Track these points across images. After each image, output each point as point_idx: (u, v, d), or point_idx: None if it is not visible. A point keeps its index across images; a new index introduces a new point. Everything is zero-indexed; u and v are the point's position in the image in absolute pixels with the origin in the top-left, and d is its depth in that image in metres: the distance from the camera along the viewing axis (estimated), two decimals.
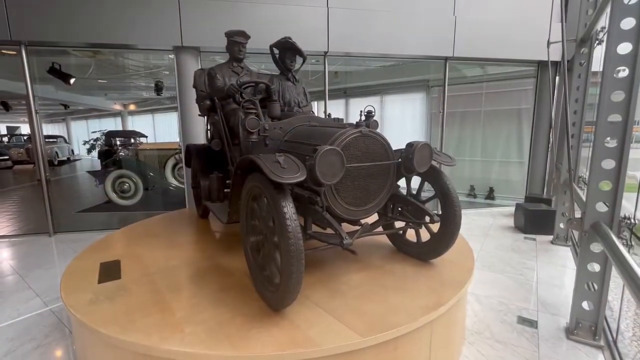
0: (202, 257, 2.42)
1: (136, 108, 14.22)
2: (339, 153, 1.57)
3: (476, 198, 6.98)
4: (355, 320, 1.57)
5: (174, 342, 1.40)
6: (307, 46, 4.27)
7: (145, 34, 4.28)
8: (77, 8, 4.09)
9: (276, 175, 1.41)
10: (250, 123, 2.03)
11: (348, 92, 8.60)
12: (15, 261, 3.84)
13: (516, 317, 2.56)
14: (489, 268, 3.43)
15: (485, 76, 6.85)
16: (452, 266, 2.22)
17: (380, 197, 1.97)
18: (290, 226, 1.39)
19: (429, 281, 2.00)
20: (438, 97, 6.57)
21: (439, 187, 2.08)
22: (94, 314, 1.64)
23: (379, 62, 6.99)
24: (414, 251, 2.34)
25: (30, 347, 2.27)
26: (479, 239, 4.33)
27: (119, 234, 3.05)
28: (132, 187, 6.45)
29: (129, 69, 7.95)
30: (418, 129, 7.61)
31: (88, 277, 2.09)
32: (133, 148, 7.43)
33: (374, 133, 1.86)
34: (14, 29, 4.04)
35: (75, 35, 4.19)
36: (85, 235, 4.65)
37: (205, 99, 2.91)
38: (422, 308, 1.68)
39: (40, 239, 4.59)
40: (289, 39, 2.71)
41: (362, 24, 4.75)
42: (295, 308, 1.68)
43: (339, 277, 2.04)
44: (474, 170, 7.16)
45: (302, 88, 3.03)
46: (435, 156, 2.02)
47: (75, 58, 6.45)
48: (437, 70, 5.74)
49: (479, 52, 5.19)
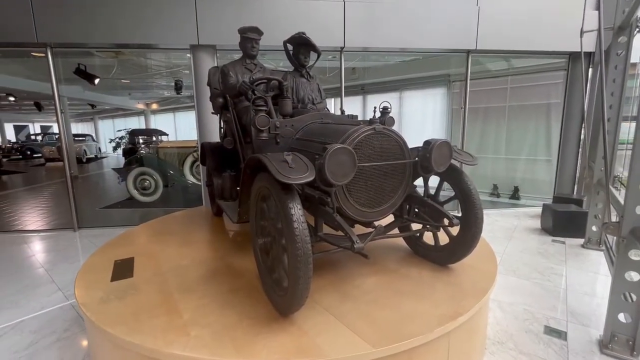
0: (214, 257, 2.40)
1: (158, 107, 14.64)
2: (350, 152, 1.49)
3: (499, 198, 6.68)
4: (366, 328, 1.49)
5: (178, 345, 1.37)
6: (322, 42, 4.20)
7: (163, 33, 4.34)
8: (99, 10, 4.19)
9: (283, 176, 1.34)
10: (260, 121, 1.97)
11: (365, 88, 8.44)
12: (42, 255, 4.00)
13: (543, 326, 2.39)
14: (513, 273, 3.24)
15: (510, 70, 6.52)
16: (472, 271, 2.09)
17: (395, 198, 1.87)
18: (297, 229, 1.32)
19: (447, 288, 1.88)
20: (460, 92, 6.31)
21: (459, 187, 1.95)
22: (104, 313, 1.65)
23: (397, 57, 6.81)
24: (431, 255, 2.22)
25: (51, 341, 2.33)
26: (502, 241, 4.12)
27: (137, 230, 3.09)
28: (152, 184, 6.60)
29: (151, 68, 8.15)
30: (438, 125, 7.37)
31: (102, 274, 2.11)
32: (154, 146, 7.61)
33: (389, 130, 1.76)
34: (40, 32, 4.19)
35: (98, 36, 4.30)
36: (107, 230, 4.78)
37: (219, 97, 2.89)
38: (440, 317, 1.57)
39: (66, 234, 4.77)
40: (303, 34, 2.64)
41: (379, 18, 4.60)
42: (304, 312, 1.61)
43: (350, 281, 1.96)
44: (497, 169, 6.85)
45: (316, 84, 2.95)
46: (455, 155, 1.90)
47: (99, 59, 6.67)
48: (459, 64, 5.50)
49: (504, 44, 4.91)
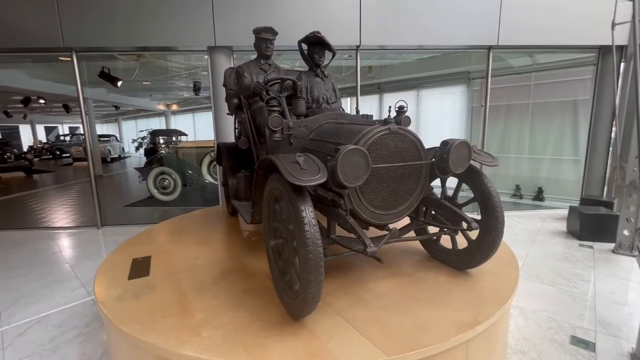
0: (228, 257, 2.41)
1: (178, 108, 15.02)
2: (363, 153, 1.45)
3: (522, 199, 6.44)
4: (379, 335, 1.45)
5: (190, 346, 1.38)
6: (338, 41, 4.17)
7: (182, 35, 4.42)
8: (121, 15, 4.32)
9: (294, 177, 1.32)
10: (273, 121, 1.96)
11: (382, 87, 8.33)
12: (67, 251, 4.16)
13: (569, 336, 2.26)
14: (536, 278, 3.10)
15: (534, 65, 6.25)
16: (492, 277, 2.00)
17: (411, 200, 1.81)
18: (308, 232, 1.30)
19: (465, 294, 1.80)
20: (480, 90, 6.12)
21: (478, 189, 1.87)
22: (120, 311, 1.68)
23: (415, 54, 6.68)
24: (449, 259, 2.14)
25: (72, 335, 2.41)
26: (525, 244, 3.95)
27: (155, 229, 3.16)
28: (171, 184, 6.76)
29: (171, 70, 8.36)
30: (457, 124, 7.17)
31: (120, 272, 2.16)
32: (173, 146, 7.80)
33: (404, 130, 1.70)
34: (66, 37, 4.36)
35: (120, 40, 4.43)
36: (128, 228, 4.93)
37: (234, 98, 2.90)
38: (457, 325, 1.50)
39: (90, 231, 4.95)
40: (317, 33, 2.61)
41: (396, 15, 4.51)
42: (315, 316, 1.58)
43: (363, 284, 1.92)
44: (520, 169, 6.60)
45: (331, 84, 2.92)
46: (474, 155, 1.82)
47: (122, 62, 6.89)
48: (480, 61, 5.32)
49: (528, 39, 4.71)
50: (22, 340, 2.36)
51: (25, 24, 4.30)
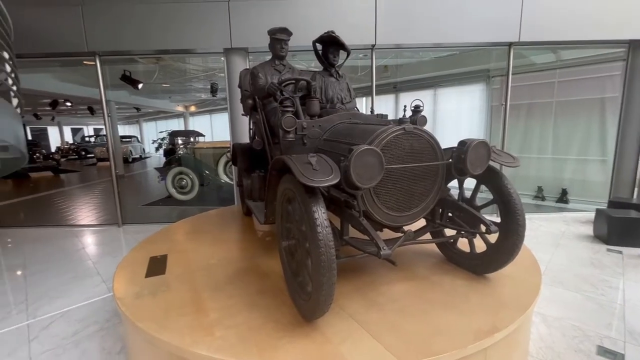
0: (243, 257, 2.43)
1: (196, 109, 15.34)
2: (377, 153, 1.42)
3: (544, 201, 6.20)
4: (392, 340, 1.42)
5: (203, 345, 1.39)
6: (353, 40, 4.14)
7: (199, 38, 4.51)
8: (142, 19, 4.45)
9: (306, 178, 1.31)
10: (286, 122, 1.96)
11: (398, 86, 8.22)
12: (90, 248, 4.32)
13: (595, 346, 2.15)
14: (560, 284, 2.96)
15: (558, 62, 6.01)
16: (513, 282, 1.93)
17: (427, 202, 1.77)
18: (321, 233, 1.28)
19: (484, 299, 1.74)
20: (500, 88, 5.93)
21: (498, 191, 1.80)
22: (137, 308, 1.72)
23: (432, 52, 6.55)
24: (466, 263, 2.08)
25: (94, 330, 2.50)
26: (548, 248, 3.79)
27: (173, 227, 3.23)
28: (189, 183, 6.91)
29: (189, 72, 8.54)
30: (476, 124, 6.99)
31: (138, 270, 2.21)
32: (191, 147, 7.96)
33: (420, 130, 1.66)
34: (90, 42, 4.53)
35: (141, 44, 4.57)
36: (148, 227, 5.07)
37: (248, 99, 2.93)
38: (475, 332, 1.45)
39: (111, 229, 5.12)
40: (332, 33, 2.59)
41: (413, 12, 4.43)
42: (328, 318, 1.57)
43: (377, 287, 1.88)
44: (542, 169, 6.36)
45: (345, 84, 2.89)
46: (494, 156, 1.75)
47: (142, 65, 7.09)
48: (500, 58, 5.17)
49: (551, 34, 4.52)
50: (47, 333, 2.46)
51: (53, 31, 4.49)
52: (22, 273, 3.54)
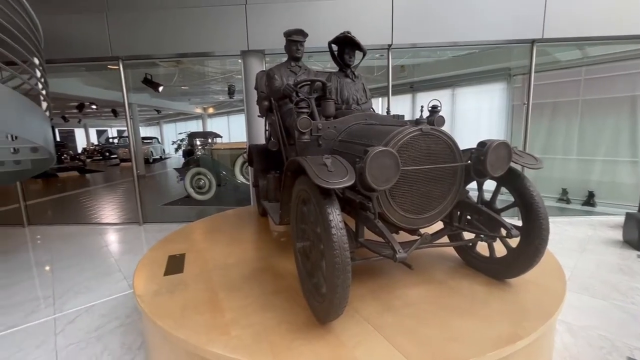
0: (258, 257, 2.45)
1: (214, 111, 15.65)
2: (393, 155, 1.40)
3: (569, 204, 5.94)
4: (408, 344, 1.39)
5: (219, 344, 1.41)
6: (369, 40, 4.11)
7: (217, 41, 4.59)
8: (162, 24, 4.57)
9: (321, 179, 1.30)
10: (301, 123, 1.96)
11: (415, 86, 8.09)
12: (113, 246, 4.47)
13: (624, 358, 2.04)
14: (586, 292, 2.83)
15: (585, 59, 5.76)
16: (535, 288, 1.85)
17: (444, 204, 1.73)
18: (335, 235, 1.28)
19: (504, 306, 1.68)
20: (522, 87, 5.75)
21: (519, 193, 1.74)
22: (156, 305, 1.76)
23: (451, 51, 6.42)
24: (485, 267, 2.01)
25: (115, 325, 2.58)
26: (573, 254, 3.63)
27: (190, 227, 3.30)
28: (207, 184, 7.04)
29: (207, 75, 8.72)
30: (496, 124, 6.79)
31: (157, 268, 2.27)
32: (209, 147, 8.12)
33: (438, 131, 1.63)
34: (114, 47, 4.70)
35: (161, 48, 4.70)
36: (167, 225, 5.20)
37: (264, 100, 2.95)
38: (495, 340, 1.40)
39: (133, 227, 5.29)
40: (347, 33, 2.58)
41: (430, 11, 4.36)
42: (342, 321, 1.56)
43: (393, 290, 1.85)
44: (567, 171, 6.10)
45: (361, 84, 2.87)
46: (515, 157, 1.70)
47: (163, 68, 7.30)
48: (522, 56, 5.00)
49: (577, 30, 4.33)
50: (72, 327, 2.56)
51: (80, 37, 4.69)
52: (49, 268, 3.71)
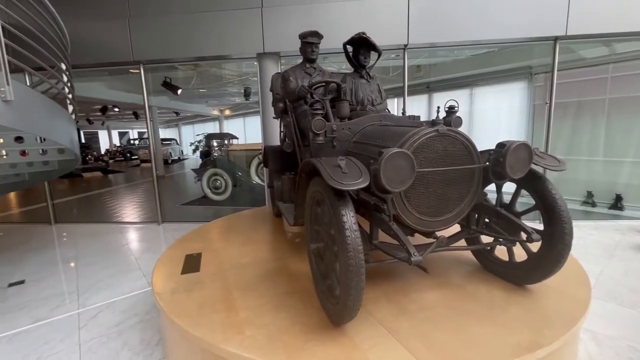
0: (273, 257, 2.47)
1: (230, 113, 15.91)
2: (408, 156, 1.38)
3: (595, 207, 5.69)
4: (423, 349, 1.36)
5: (234, 343, 1.43)
6: (384, 41, 4.08)
7: (234, 44, 4.67)
8: (181, 29, 4.70)
9: (335, 181, 1.30)
10: (316, 124, 1.97)
11: (432, 86, 7.96)
12: (133, 244, 4.61)
13: None
14: (613, 300, 2.70)
15: (612, 56, 5.50)
16: (557, 295, 1.78)
17: (461, 207, 1.69)
18: (349, 237, 1.27)
19: (524, 313, 1.63)
20: (544, 86, 5.55)
21: (541, 196, 1.68)
22: (174, 303, 1.81)
23: (469, 50, 6.28)
24: (504, 272, 1.96)
25: (135, 321, 2.66)
26: (599, 260, 3.48)
27: (207, 227, 3.36)
28: (223, 184, 7.16)
29: (224, 78, 8.88)
30: (516, 124, 6.59)
31: (175, 267, 2.33)
32: (225, 149, 8.26)
33: (455, 132, 1.60)
34: (135, 51, 4.86)
35: (180, 52, 4.82)
36: (185, 225, 5.32)
37: (279, 102, 2.98)
38: (513, 347, 1.36)
39: (152, 226, 5.44)
40: (363, 34, 2.57)
41: (448, 9, 4.28)
42: (356, 323, 1.55)
43: (408, 294, 1.83)
44: (592, 172, 5.85)
45: (376, 85, 2.85)
46: (536, 159, 1.64)
47: (181, 72, 7.48)
48: (544, 54, 4.83)
49: (603, 26, 4.15)
50: (95, 322, 2.66)
51: (104, 43, 4.87)
52: (74, 265, 3.86)
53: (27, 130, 2.71)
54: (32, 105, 2.74)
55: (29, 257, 4.14)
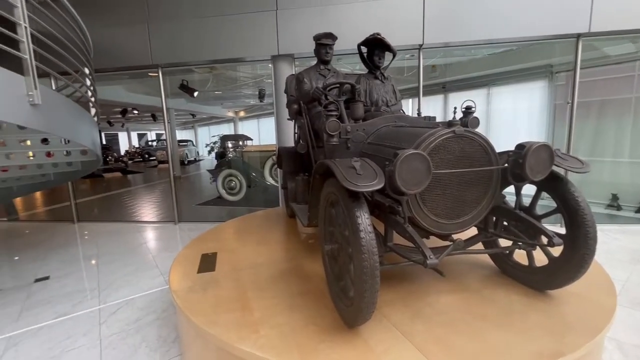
0: (286, 258, 2.49)
1: (245, 114, 16.11)
2: (424, 158, 1.36)
3: (620, 210, 5.45)
4: (439, 354, 1.34)
5: (248, 343, 1.44)
6: (399, 41, 4.04)
7: (250, 47, 4.74)
8: (198, 32, 4.80)
9: (349, 183, 1.30)
10: (330, 126, 1.97)
11: (447, 86, 7.83)
12: (150, 243, 4.73)
13: None
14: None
15: (639, 53, 5.27)
16: (580, 301, 1.72)
17: (479, 210, 1.65)
18: (364, 239, 1.26)
19: (545, 319, 1.57)
20: (566, 85, 5.37)
21: (562, 199, 1.63)
22: (190, 301, 1.84)
23: (486, 49, 6.14)
24: (524, 277, 1.90)
25: (152, 318, 2.72)
26: (626, 265, 3.33)
27: (222, 227, 3.42)
28: (237, 185, 7.26)
29: (239, 80, 9.01)
30: (536, 125, 6.40)
31: (191, 266, 2.37)
32: (239, 150, 8.37)
33: (472, 133, 1.56)
34: (154, 55, 4.99)
35: (197, 55, 4.93)
36: (200, 225, 5.42)
37: (294, 103, 3.00)
38: (533, 355, 1.32)
39: (169, 226, 5.56)
40: (377, 34, 2.56)
41: (464, 7, 4.20)
42: (370, 326, 1.54)
43: (423, 297, 1.80)
44: (617, 174, 5.61)
45: (391, 86, 2.84)
46: (558, 160, 1.59)
47: (198, 75, 7.63)
48: (565, 52, 4.67)
49: (629, 22, 3.98)
50: (114, 318, 2.74)
51: (124, 48, 5.03)
52: (95, 262, 3.99)
53: (53, 132, 2.82)
54: (57, 109, 2.85)
55: (53, 254, 4.31)
